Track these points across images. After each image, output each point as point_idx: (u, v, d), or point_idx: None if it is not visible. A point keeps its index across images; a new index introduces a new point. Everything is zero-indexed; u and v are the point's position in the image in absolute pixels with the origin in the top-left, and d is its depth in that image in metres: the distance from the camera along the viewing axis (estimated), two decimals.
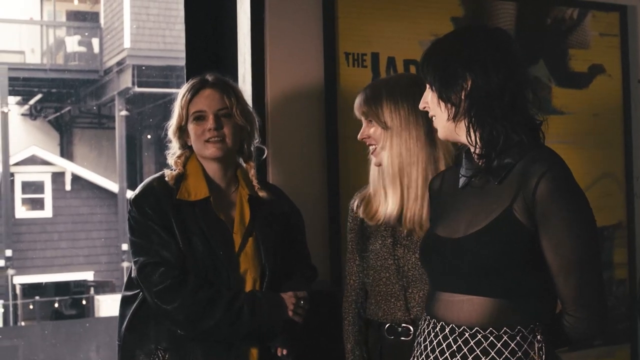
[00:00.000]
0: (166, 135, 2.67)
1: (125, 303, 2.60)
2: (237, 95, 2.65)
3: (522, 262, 1.94)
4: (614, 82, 3.81)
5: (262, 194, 2.65)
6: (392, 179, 2.52)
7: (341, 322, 2.70)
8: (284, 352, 2.56)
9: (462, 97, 2.00)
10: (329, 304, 2.77)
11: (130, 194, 2.68)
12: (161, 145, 2.73)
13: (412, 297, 2.53)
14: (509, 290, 1.95)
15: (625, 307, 3.73)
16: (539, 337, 1.95)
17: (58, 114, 11.63)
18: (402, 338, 2.54)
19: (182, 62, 3.28)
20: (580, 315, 1.96)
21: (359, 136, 2.59)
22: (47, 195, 11.07)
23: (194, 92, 2.60)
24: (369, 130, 2.56)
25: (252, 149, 2.72)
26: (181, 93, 2.63)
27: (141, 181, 2.67)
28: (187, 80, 2.71)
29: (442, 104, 2.03)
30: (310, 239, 2.85)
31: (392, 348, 2.57)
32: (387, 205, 2.54)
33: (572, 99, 3.71)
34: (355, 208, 2.67)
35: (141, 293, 2.53)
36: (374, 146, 2.56)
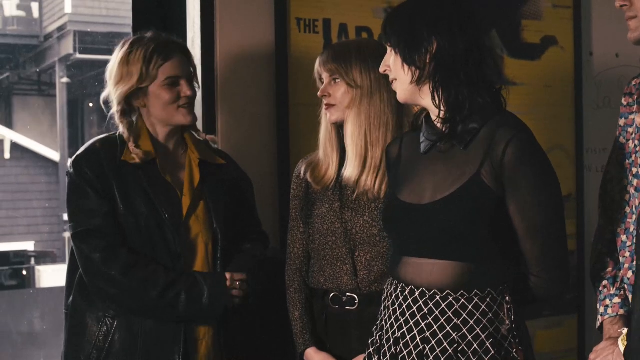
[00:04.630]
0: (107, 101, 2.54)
1: (71, 271, 2.51)
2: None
3: (490, 227, 1.94)
4: (566, 54, 3.81)
5: (214, 154, 2.61)
6: (356, 141, 2.47)
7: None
8: None
9: (427, 61, 1.98)
10: (278, 271, 2.70)
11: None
12: (103, 113, 2.60)
13: (359, 260, 2.50)
14: (478, 254, 1.96)
15: (574, 278, 3.75)
16: (507, 298, 1.98)
17: None
18: (347, 307, 2.51)
19: (126, 29, 3.16)
20: (544, 276, 2.01)
21: (319, 93, 2.53)
22: None
23: (165, 55, 2.46)
24: (332, 89, 2.51)
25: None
26: (142, 54, 2.44)
27: None
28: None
29: (406, 67, 2.01)
30: (259, 206, 2.80)
31: (337, 317, 2.54)
32: (347, 168, 2.50)
33: (524, 70, 3.70)
34: (302, 174, 2.63)
35: None
36: (332, 105, 2.51)
